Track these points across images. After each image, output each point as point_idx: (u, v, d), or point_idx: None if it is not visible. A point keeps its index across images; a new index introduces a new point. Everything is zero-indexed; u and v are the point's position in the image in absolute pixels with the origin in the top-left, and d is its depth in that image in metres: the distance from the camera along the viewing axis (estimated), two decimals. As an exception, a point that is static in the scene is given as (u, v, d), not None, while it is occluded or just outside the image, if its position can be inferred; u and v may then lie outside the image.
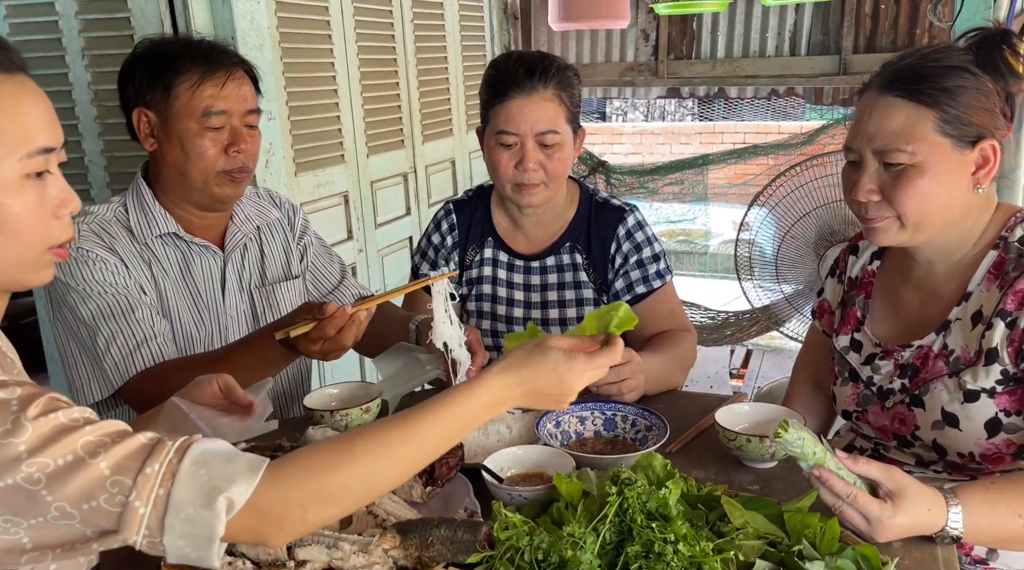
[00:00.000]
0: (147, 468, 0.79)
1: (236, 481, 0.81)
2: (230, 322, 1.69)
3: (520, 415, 1.42)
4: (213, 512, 0.80)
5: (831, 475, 1.03)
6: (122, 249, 1.57)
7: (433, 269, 1.86)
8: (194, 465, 0.81)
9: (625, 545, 0.98)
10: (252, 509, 0.82)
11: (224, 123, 1.55)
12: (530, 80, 1.62)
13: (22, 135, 0.86)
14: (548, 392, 0.98)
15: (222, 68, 1.55)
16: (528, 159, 1.64)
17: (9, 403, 0.78)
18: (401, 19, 3.14)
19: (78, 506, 0.78)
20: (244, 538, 0.86)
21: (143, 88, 1.55)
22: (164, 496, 0.79)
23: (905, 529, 1.05)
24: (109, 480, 0.78)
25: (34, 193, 0.88)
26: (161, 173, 1.61)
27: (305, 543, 1.03)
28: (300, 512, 0.85)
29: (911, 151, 1.23)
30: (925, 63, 1.24)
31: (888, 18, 4.36)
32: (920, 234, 1.28)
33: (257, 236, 1.75)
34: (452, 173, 3.67)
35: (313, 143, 2.69)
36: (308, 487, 0.85)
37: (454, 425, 0.93)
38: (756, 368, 4.18)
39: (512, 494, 1.14)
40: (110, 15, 2.18)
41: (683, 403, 1.57)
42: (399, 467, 0.91)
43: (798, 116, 9.03)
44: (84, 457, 0.78)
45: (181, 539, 0.80)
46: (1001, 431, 1.26)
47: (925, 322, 1.36)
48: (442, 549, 1.01)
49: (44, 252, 0.91)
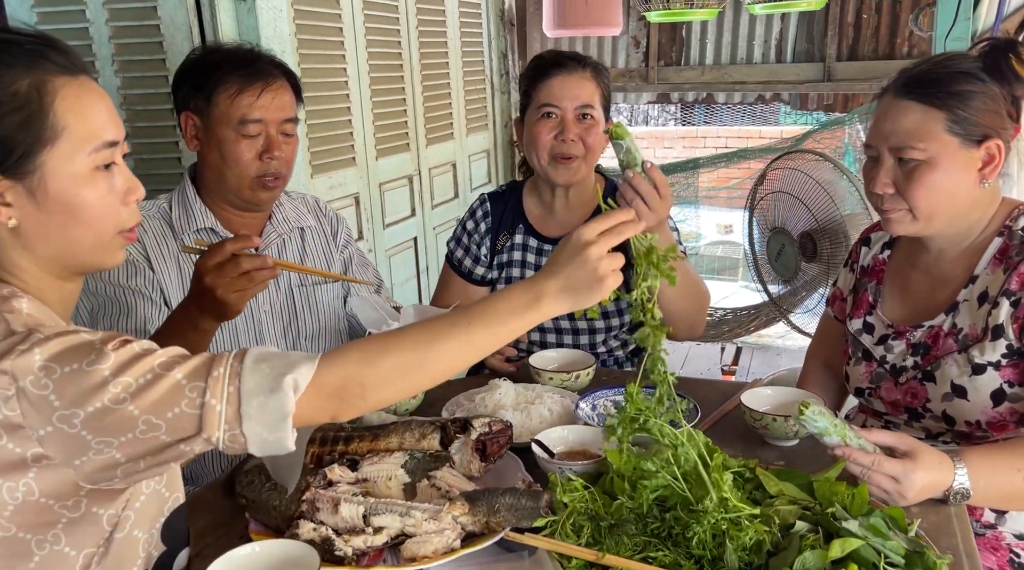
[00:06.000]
0: (215, 372, 0.89)
1: (297, 367, 0.91)
2: (264, 316, 1.76)
3: (559, 399, 1.52)
4: (283, 392, 0.89)
5: (853, 450, 1.16)
6: (150, 244, 1.65)
7: (467, 254, 2.03)
8: (255, 362, 0.91)
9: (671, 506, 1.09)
10: (317, 388, 0.91)
11: (260, 131, 1.63)
12: (571, 62, 1.83)
13: (90, 131, 0.94)
14: (578, 270, 1.01)
15: (260, 78, 1.62)
16: (569, 130, 1.80)
17: (93, 342, 0.87)
18: (407, 27, 3.23)
19: (163, 416, 0.86)
20: (315, 416, 0.94)
21: (189, 95, 1.63)
22: (235, 392, 0.88)
23: (926, 485, 1.17)
24: (187, 387, 0.87)
25: (104, 183, 0.96)
26: (204, 174, 1.70)
27: (380, 511, 1.12)
28: (360, 390, 0.94)
29: (923, 148, 1.35)
30: (936, 70, 1.38)
31: (870, 27, 4.52)
32: (931, 225, 1.41)
33: (300, 236, 1.83)
34: (453, 175, 3.76)
35: (327, 146, 2.77)
36: (367, 368, 0.95)
37: (498, 318, 1.00)
38: (747, 365, 4.31)
39: (563, 468, 1.24)
40: (140, 22, 2.25)
41: (704, 390, 1.68)
42: (448, 356, 0.98)
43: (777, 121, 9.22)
44: (162, 372, 0.87)
45: (258, 425, 0.88)
46: (1005, 400, 1.38)
47: (935, 304, 1.48)
48: (508, 515, 1.11)
49: (115, 236, 0.99)
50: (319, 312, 1.80)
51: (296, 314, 1.79)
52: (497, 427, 1.28)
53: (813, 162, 3.52)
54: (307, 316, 1.79)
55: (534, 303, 1.02)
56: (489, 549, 1.10)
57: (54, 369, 0.84)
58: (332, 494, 1.15)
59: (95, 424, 0.84)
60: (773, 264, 3.62)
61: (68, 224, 0.94)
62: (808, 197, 3.49)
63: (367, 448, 1.28)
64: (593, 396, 1.50)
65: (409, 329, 1.00)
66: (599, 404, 1.50)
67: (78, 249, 0.97)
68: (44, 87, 0.91)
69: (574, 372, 1.63)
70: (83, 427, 0.84)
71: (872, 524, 1.05)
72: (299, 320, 1.79)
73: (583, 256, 1.02)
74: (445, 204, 3.67)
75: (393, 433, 1.29)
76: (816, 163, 3.50)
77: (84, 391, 0.84)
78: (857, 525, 1.04)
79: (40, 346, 0.85)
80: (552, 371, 1.65)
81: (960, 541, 1.14)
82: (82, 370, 0.84)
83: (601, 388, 1.52)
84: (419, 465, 1.24)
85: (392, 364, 0.96)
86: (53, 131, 0.92)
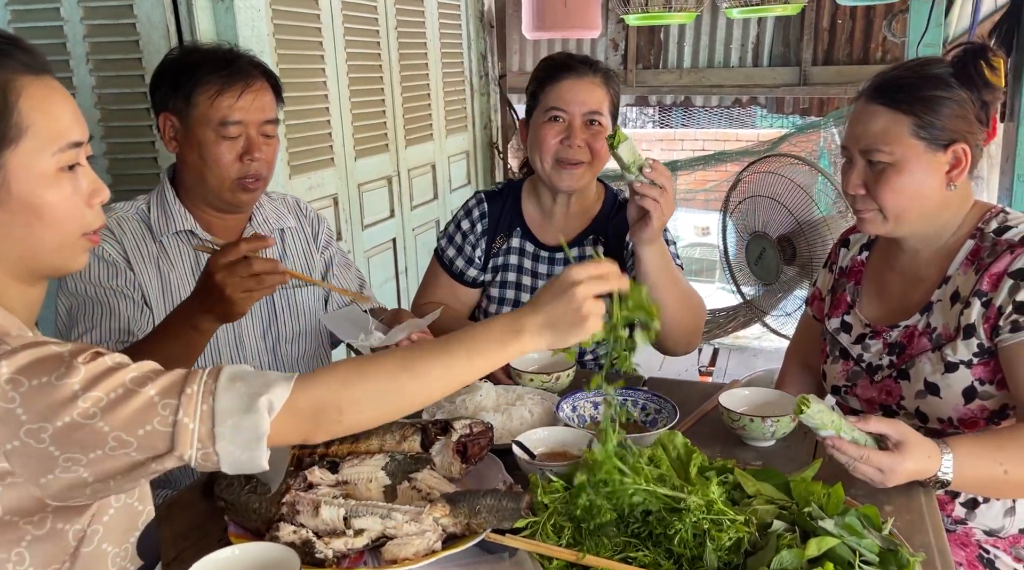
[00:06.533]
0: (188, 389, 0.87)
1: (273, 387, 0.90)
2: (244, 319, 1.74)
3: (540, 400, 1.53)
4: (257, 414, 0.88)
5: (843, 442, 1.18)
6: (129, 245, 1.63)
7: (459, 254, 1.99)
8: (230, 380, 0.90)
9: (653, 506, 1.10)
10: (292, 410, 0.91)
11: (240, 132, 1.61)
12: (582, 66, 1.78)
13: (54, 131, 0.93)
14: (562, 307, 1.02)
15: (240, 79, 1.60)
16: (575, 136, 1.77)
17: (62, 354, 0.85)
18: (386, 27, 3.22)
19: (134, 432, 0.84)
20: (289, 437, 0.93)
21: (167, 96, 1.62)
22: (209, 411, 0.87)
23: (910, 473, 1.20)
24: (160, 404, 0.86)
25: (68, 185, 0.95)
26: (183, 175, 1.68)
27: (360, 514, 1.12)
28: (336, 414, 0.94)
29: (889, 151, 1.39)
30: (907, 75, 1.41)
31: (845, 32, 4.58)
32: (901, 225, 1.44)
33: (280, 238, 1.82)
34: (432, 177, 3.75)
35: (306, 147, 2.76)
36: (344, 392, 0.94)
37: (479, 349, 1.01)
38: (723, 365, 4.35)
39: (544, 469, 1.24)
40: (115, 20, 2.22)
41: (683, 391, 1.69)
42: (423, 385, 0.99)
43: (753, 124, 9.31)
44: (134, 388, 0.85)
45: (231, 444, 0.87)
46: (976, 398, 1.42)
47: (910, 304, 1.52)
48: (488, 516, 1.11)
49: (79, 238, 0.98)
50: (299, 314, 1.79)
51: (276, 316, 1.78)
52: (478, 429, 1.28)
53: (790, 165, 3.55)
54: (287, 318, 1.78)
55: (515, 336, 1.02)
56: (470, 551, 1.11)
57: (21, 382, 0.82)
58: (312, 496, 1.14)
59: (63, 439, 0.82)
60: (752, 268, 3.65)
61: (31, 225, 0.93)
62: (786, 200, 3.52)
63: (347, 450, 1.27)
64: (573, 398, 1.51)
65: (389, 355, 1.00)
66: (579, 406, 1.51)
67: (41, 251, 0.95)
68: (8, 86, 0.90)
69: (554, 374, 1.64)
70: (51, 442, 0.82)
71: (847, 523, 1.06)
72: (279, 323, 1.78)
73: (569, 294, 1.03)
74: (424, 205, 3.67)
75: (374, 435, 1.28)
76: (793, 167, 3.53)
77: (53, 405, 0.82)
78: (833, 524, 1.06)
79: (7, 358, 0.82)
80: (533, 372, 1.65)
81: (932, 538, 1.16)
82: (51, 383, 0.82)
83: (581, 390, 1.53)
84: (400, 467, 1.24)
85: (370, 390, 0.96)
86: (17, 130, 0.90)
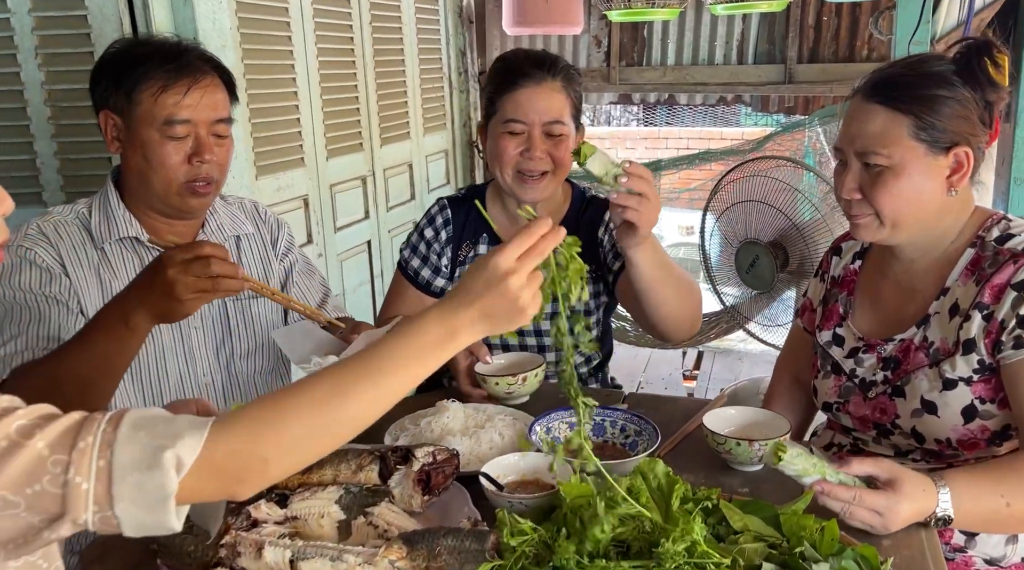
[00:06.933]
0: (80, 442, 0.75)
1: (181, 438, 0.77)
2: (195, 333, 1.62)
3: (511, 422, 1.42)
4: (161, 471, 0.76)
5: (832, 486, 1.08)
6: (66, 251, 1.51)
7: (424, 264, 1.89)
8: (132, 429, 0.77)
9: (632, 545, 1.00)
10: (208, 466, 0.78)
11: (188, 132, 1.49)
12: (539, 71, 1.67)
13: None
14: (496, 300, 0.91)
15: (187, 74, 1.48)
16: (535, 147, 1.67)
17: None
18: (360, 21, 3.11)
19: (21, 492, 0.73)
20: (205, 495, 0.82)
21: (108, 92, 1.49)
22: (106, 467, 0.75)
23: (911, 513, 1.10)
24: (50, 460, 0.74)
25: None
26: (127, 178, 1.56)
27: (308, 556, 1.01)
28: (261, 465, 0.82)
29: (887, 154, 1.29)
30: (906, 72, 1.31)
31: (830, 30, 4.50)
32: (898, 232, 1.34)
33: (235, 245, 1.70)
34: (409, 176, 3.64)
35: (274, 146, 2.64)
36: (265, 439, 0.82)
37: (412, 357, 0.89)
38: (708, 370, 4.27)
39: (513, 501, 1.14)
40: (65, 12, 2.10)
41: (665, 407, 1.59)
42: (359, 410, 0.87)
43: (738, 122, 9.24)
44: (19, 440, 0.74)
45: (133, 506, 0.75)
46: (976, 417, 1.32)
47: (905, 317, 1.42)
48: (450, 559, 1.01)
49: None
50: (255, 328, 1.68)
51: (230, 331, 1.66)
52: (442, 456, 1.18)
53: (777, 167, 3.46)
54: (242, 332, 1.67)
55: (450, 337, 0.91)
56: (429, 597, 1.00)
57: None
58: (255, 537, 1.04)
59: None
60: (743, 276, 3.53)
61: None
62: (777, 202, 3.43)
63: (298, 482, 1.17)
64: (548, 419, 1.40)
65: (310, 384, 0.87)
66: (554, 427, 1.40)
67: None
68: None
69: (520, 375, 1.54)
70: None
71: (843, 566, 0.97)
72: (233, 338, 1.66)
73: (502, 287, 0.90)
74: (401, 206, 3.56)
75: (327, 465, 1.18)
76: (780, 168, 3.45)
77: None
78: (828, 568, 0.96)
79: None
80: (498, 376, 1.56)
81: (934, 576, 1.07)
82: None
83: (557, 409, 1.42)
84: (355, 500, 1.13)
85: (295, 430, 0.83)
86: None
